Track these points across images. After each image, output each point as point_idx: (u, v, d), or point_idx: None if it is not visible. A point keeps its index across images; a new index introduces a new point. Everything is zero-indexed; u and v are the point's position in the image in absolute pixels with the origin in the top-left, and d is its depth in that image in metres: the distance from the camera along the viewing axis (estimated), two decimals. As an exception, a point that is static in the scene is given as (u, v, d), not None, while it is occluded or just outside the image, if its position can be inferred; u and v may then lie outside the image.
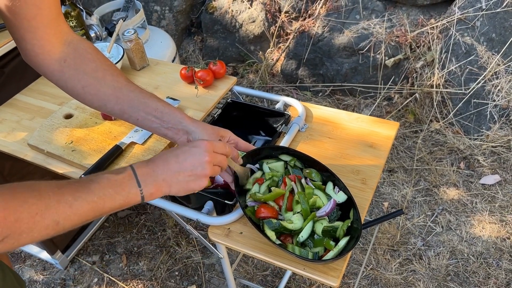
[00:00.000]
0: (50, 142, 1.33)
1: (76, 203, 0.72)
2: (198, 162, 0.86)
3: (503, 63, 2.42)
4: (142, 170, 0.82)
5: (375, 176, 1.21)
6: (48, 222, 0.69)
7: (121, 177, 0.79)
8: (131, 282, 2.03)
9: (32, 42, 0.91)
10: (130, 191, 0.80)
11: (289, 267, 1.03)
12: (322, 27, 2.79)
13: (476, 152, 2.39)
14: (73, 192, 0.73)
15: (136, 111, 0.98)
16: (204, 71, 1.49)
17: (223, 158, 0.93)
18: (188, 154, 0.87)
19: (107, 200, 0.76)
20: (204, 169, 0.87)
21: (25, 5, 0.84)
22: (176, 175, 0.85)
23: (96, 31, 1.89)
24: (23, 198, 0.67)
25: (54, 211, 0.69)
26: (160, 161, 0.85)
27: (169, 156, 0.86)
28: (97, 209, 0.75)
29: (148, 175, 0.82)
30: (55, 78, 0.98)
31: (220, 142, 0.94)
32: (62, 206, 0.70)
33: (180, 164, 0.85)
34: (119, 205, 0.79)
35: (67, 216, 0.71)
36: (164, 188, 0.84)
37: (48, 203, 0.69)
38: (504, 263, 1.93)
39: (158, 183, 0.83)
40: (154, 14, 3.24)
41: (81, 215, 0.73)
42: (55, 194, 0.70)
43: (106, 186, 0.77)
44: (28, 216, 0.66)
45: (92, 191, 0.75)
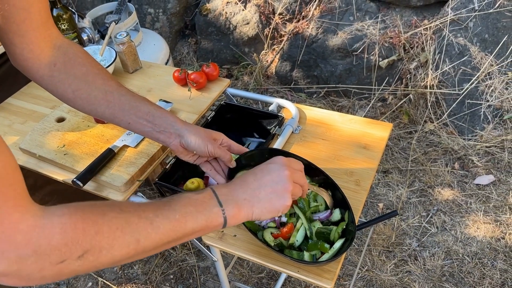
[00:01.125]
0: (42, 146, 1.32)
1: (157, 220, 0.68)
2: (277, 177, 0.82)
3: (496, 63, 2.43)
4: (221, 190, 0.79)
5: (369, 177, 1.21)
6: (129, 238, 0.65)
7: (202, 196, 0.77)
8: (125, 286, 2.02)
9: (21, 46, 0.90)
10: (212, 210, 0.76)
11: (283, 269, 1.03)
12: (316, 29, 2.80)
13: (470, 152, 2.39)
14: (154, 209, 0.70)
15: (128, 115, 0.97)
16: (197, 74, 1.48)
17: (302, 175, 0.88)
18: (266, 170, 0.83)
19: (188, 218, 0.72)
20: (285, 183, 0.82)
21: (14, 9, 0.84)
22: (257, 193, 0.81)
23: (89, 34, 1.88)
24: (102, 211, 0.64)
25: (135, 227, 0.66)
26: (238, 181, 0.83)
27: (247, 176, 0.83)
28: (179, 228, 0.71)
29: (228, 195, 0.79)
30: (44, 82, 0.97)
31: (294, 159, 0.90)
32: (143, 222, 0.67)
33: (259, 181, 0.82)
34: (201, 226, 0.74)
35: (148, 233, 0.67)
36: (247, 208, 0.80)
37: (128, 218, 0.66)
38: (499, 263, 1.94)
39: (240, 203, 0.79)
40: (148, 17, 3.23)
41: (162, 234, 0.69)
42: (135, 210, 0.67)
43: (187, 204, 0.74)
44: (108, 229, 0.63)
45: (173, 209, 0.71)
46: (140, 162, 1.24)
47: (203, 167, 1.07)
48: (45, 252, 0.57)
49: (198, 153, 1.01)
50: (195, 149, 0.99)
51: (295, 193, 0.85)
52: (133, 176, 1.21)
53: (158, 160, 1.30)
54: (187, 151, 1.02)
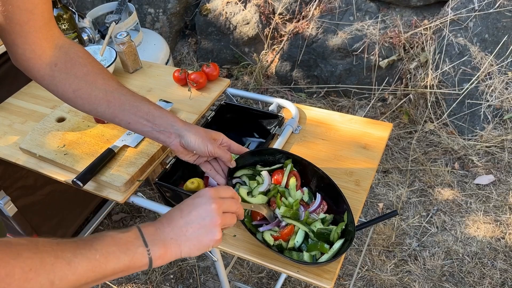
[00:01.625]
0: (42, 146, 1.32)
1: (76, 260, 0.65)
2: (204, 211, 0.78)
3: (496, 63, 2.43)
4: (148, 229, 0.76)
5: (368, 177, 1.21)
6: (42, 280, 0.61)
7: (127, 235, 0.73)
8: (125, 286, 2.02)
9: (23, 47, 0.91)
10: (137, 251, 0.72)
11: (283, 269, 1.03)
12: (316, 29, 2.80)
13: (470, 152, 2.39)
14: (73, 249, 0.66)
15: (128, 115, 0.97)
16: (197, 74, 1.48)
17: (232, 202, 0.84)
18: (192, 206, 0.80)
19: (110, 258, 0.69)
20: (213, 217, 0.78)
21: (18, 10, 0.84)
22: (184, 231, 0.77)
23: (89, 33, 1.88)
24: (16, 251, 0.61)
25: (50, 268, 0.62)
26: (164, 220, 0.78)
27: (172, 213, 0.80)
28: (99, 269, 0.68)
29: (154, 234, 0.75)
30: (45, 82, 0.97)
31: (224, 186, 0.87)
32: (60, 262, 0.63)
33: (185, 218, 0.78)
34: (123, 267, 0.71)
35: (64, 274, 0.64)
36: (174, 248, 0.76)
37: (44, 258, 0.62)
38: (499, 263, 1.94)
39: (167, 242, 0.75)
40: (148, 17, 3.23)
41: (80, 275, 0.65)
42: (53, 250, 0.64)
43: (110, 244, 0.70)
44: (20, 271, 0.59)
45: (94, 248, 0.68)
46: (140, 162, 1.24)
47: (203, 167, 1.07)
48: None
49: (198, 153, 1.01)
50: (195, 149, 0.99)
51: (226, 223, 0.82)
52: (133, 176, 1.21)
53: (158, 160, 1.30)
54: (187, 151, 1.02)
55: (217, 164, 1.07)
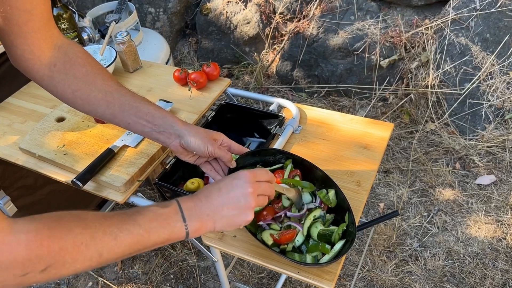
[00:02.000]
0: (41, 146, 1.32)
1: (122, 235, 0.70)
2: (241, 194, 0.83)
3: (497, 63, 2.42)
4: (186, 204, 0.80)
5: (369, 178, 1.20)
6: (92, 253, 0.67)
7: (167, 210, 0.77)
8: (126, 286, 2.02)
9: (22, 48, 0.90)
10: (176, 226, 0.77)
11: (284, 270, 1.02)
12: (317, 28, 2.79)
13: (472, 152, 2.39)
14: (120, 224, 0.71)
15: (127, 115, 0.97)
16: (197, 73, 1.48)
17: (268, 186, 0.89)
18: (230, 186, 0.83)
19: (152, 233, 0.74)
20: (248, 201, 0.83)
21: (16, 11, 0.83)
22: (219, 210, 0.82)
23: (89, 33, 1.88)
24: (68, 226, 0.65)
25: (99, 242, 0.67)
26: (203, 196, 0.83)
27: (211, 190, 0.84)
28: (142, 242, 0.73)
29: (192, 209, 0.80)
30: (44, 83, 0.96)
31: (261, 169, 0.91)
32: (107, 237, 0.69)
33: (222, 198, 0.82)
34: (163, 239, 0.76)
35: (111, 248, 0.69)
36: (209, 224, 0.81)
37: (93, 233, 0.67)
38: (500, 263, 1.93)
39: (203, 219, 0.80)
40: (149, 16, 3.23)
41: (125, 248, 0.71)
42: (101, 225, 0.69)
43: (152, 219, 0.75)
44: (73, 245, 0.64)
45: (138, 224, 0.72)
46: (140, 162, 1.24)
47: (203, 168, 1.06)
48: (9, 266, 0.59)
49: (198, 153, 1.00)
50: (195, 150, 0.98)
51: (259, 205, 0.87)
52: (133, 176, 1.21)
53: (158, 160, 1.29)
54: (187, 152, 1.01)
55: (217, 164, 1.06)
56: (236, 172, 0.87)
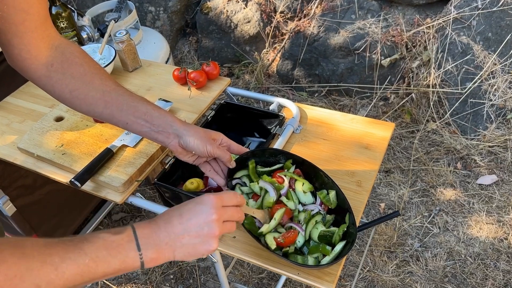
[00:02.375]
0: (40, 146, 1.31)
1: (64, 265, 0.63)
2: (204, 222, 0.76)
3: (499, 62, 2.40)
4: (143, 231, 0.73)
5: (370, 178, 1.19)
6: (28, 286, 0.60)
7: (119, 237, 0.71)
8: (125, 286, 2.01)
9: (19, 47, 0.89)
10: (128, 255, 0.70)
11: (283, 272, 1.01)
12: (318, 27, 2.78)
13: (473, 152, 2.37)
14: (62, 253, 0.64)
15: (125, 115, 0.96)
16: (197, 72, 1.47)
17: (235, 210, 0.82)
18: (193, 212, 0.77)
19: (100, 263, 0.67)
20: (212, 229, 0.77)
21: (13, 10, 0.82)
22: (180, 238, 0.75)
23: (88, 32, 1.87)
24: (2, 256, 0.59)
25: (36, 274, 0.61)
26: (162, 222, 0.76)
27: (172, 216, 0.77)
28: (88, 274, 0.66)
29: (149, 237, 0.73)
30: (42, 83, 0.95)
31: (229, 192, 0.84)
32: (47, 268, 0.62)
33: (184, 225, 0.76)
34: (114, 270, 0.69)
35: (51, 280, 0.62)
36: (167, 253, 0.75)
37: (30, 264, 0.61)
38: (502, 264, 1.92)
39: (161, 247, 0.74)
40: (149, 15, 3.22)
41: (67, 279, 0.64)
42: (40, 254, 0.62)
43: (101, 247, 0.68)
44: (4, 278, 0.58)
45: (84, 252, 0.66)
46: (139, 162, 1.23)
47: (202, 168, 1.05)
48: None
49: (197, 153, 0.99)
50: (194, 150, 0.97)
51: (225, 232, 0.81)
52: (132, 176, 1.20)
53: (157, 160, 1.28)
54: (186, 152, 1.00)
55: (216, 164, 1.05)
56: (200, 196, 0.80)
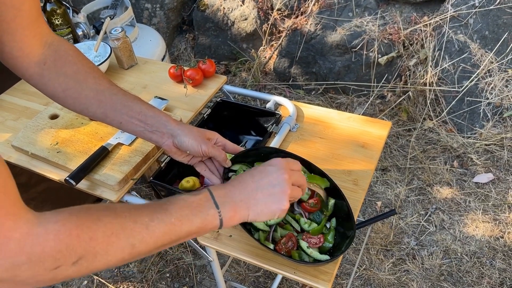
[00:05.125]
0: (34, 144, 1.30)
1: (153, 224, 0.68)
2: (276, 180, 0.80)
3: (496, 60, 2.40)
4: (218, 191, 0.78)
5: (367, 176, 1.19)
6: (123, 243, 0.64)
7: (198, 198, 0.75)
8: (121, 284, 2.00)
9: (11, 45, 0.88)
10: (208, 213, 0.75)
11: (279, 270, 1.01)
12: (315, 25, 2.77)
13: (470, 150, 2.38)
14: (150, 213, 0.69)
15: (119, 115, 0.95)
16: (193, 70, 1.46)
17: (301, 175, 0.86)
18: (264, 173, 0.81)
19: (184, 221, 0.71)
20: (283, 187, 0.80)
21: (4, 6, 0.81)
22: (253, 195, 0.79)
23: (84, 29, 1.85)
24: (97, 216, 0.63)
25: (130, 232, 0.65)
26: (236, 182, 0.81)
27: (245, 177, 0.82)
28: (174, 232, 0.70)
29: (225, 196, 0.77)
30: (34, 81, 0.94)
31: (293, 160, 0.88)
32: (138, 226, 0.66)
33: (257, 183, 0.80)
34: (197, 228, 0.74)
35: (143, 238, 0.66)
36: (243, 210, 0.79)
37: (123, 222, 0.65)
38: (498, 262, 1.92)
39: (236, 205, 0.78)
40: (145, 12, 3.20)
41: (157, 238, 0.68)
42: (131, 215, 0.67)
43: (183, 207, 0.72)
44: (103, 235, 0.62)
45: (169, 212, 0.70)
46: (134, 161, 1.22)
47: (197, 168, 1.04)
48: (39, 259, 0.57)
49: (191, 153, 0.99)
50: (189, 149, 0.97)
51: (294, 196, 0.84)
52: (127, 174, 1.19)
53: (153, 158, 1.27)
54: (180, 151, 0.99)
55: (212, 164, 1.04)
56: (270, 160, 0.85)
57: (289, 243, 0.97)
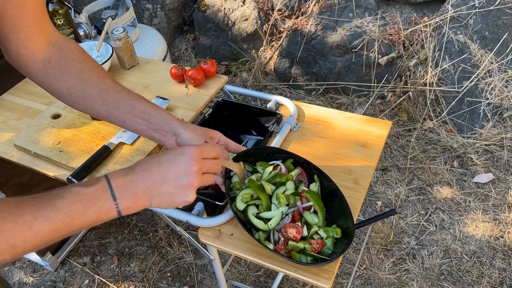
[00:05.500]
0: (37, 143, 1.30)
1: (37, 223, 0.63)
2: (183, 172, 0.77)
3: (496, 61, 2.41)
4: (118, 180, 0.73)
5: (367, 176, 1.19)
6: (2, 246, 0.60)
7: (93, 189, 0.70)
8: (122, 283, 2.01)
9: (16, 43, 0.89)
10: (104, 206, 0.70)
11: (281, 269, 1.01)
12: (315, 25, 2.78)
13: (470, 150, 2.38)
14: (34, 211, 0.64)
15: (123, 113, 0.96)
16: (194, 70, 1.47)
17: (214, 163, 0.84)
18: (173, 162, 0.77)
19: (75, 217, 0.67)
20: (191, 179, 0.77)
21: (9, 4, 0.82)
22: (158, 186, 0.75)
23: (85, 29, 1.86)
24: None
25: (10, 234, 0.61)
26: (140, 170, 0.76)
27: (151, 164, 0.77)
28: (63, 228, 0.66)
29: (125, 186, 0.73)
30: (39, 79, 0.95)
31: (209, 145, 0.85)
32: (20, 227, 0.62)
33: (163, 174, 0.76)
34: (90, 222, 0.70)
35: (26, 238, 0.62)
36: (144, 201, 0.75)
37: (2, 224, 0.61)
38: (498, 262, 1.93)
39: (138, 196, 0.74)
40: (146, 12, 3.21)
41: (43, 236, 0.64)
42: (11, 214, 0.62)
43: (74, 201, 0.67)
44: None
45: (57, 208, 0.65)
46: (136, 160, 1.23)
47: (199, 166, 1.05)
48: None
49: (194, 151, 0.99)
50: (191, 148, 0.97)
51: (204, 183, 0.82)
52: (129, 174, 1.20)
53: (155, 157, 1.28)
54: (182, 150, 1.00)
55: (213, 163, 1.05)
56: (181, 147, 0.81)
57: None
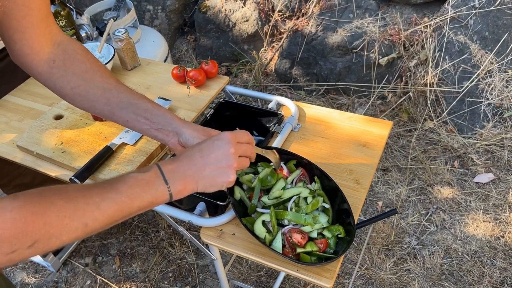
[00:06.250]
0: (39, 144, 1.31)
1: (104, 204, 0.71)
2: (222, 155, 0.85)
3: (496, 61, 2.42)
4: (167, 167, 0.82)
5: (368, 175, 1.20)
6: (76, 224, 0.68)
7: (148, 175, 0.79)
8: (124, 284, 2.01)
9: (21, 43, 0.90)
10: (158, 189, 0.79)
11: (282, 268, 1.02)
12: (316, 26, 2.78)
13: (470, 150, 2.39)
14: (101, 193, 0.72)
15: (126, 113, 0.97)
16: (196, 71, 1.47)
17: (248, 147, 0.91)
18: (212, 147, 0.86)
19: (135, 199, 0.75)
20: (229, 161, 0.85)
21: (14, 5, 0.83)
22: (201, 170, 0.84)
23: (87, 30, 1.87)
24: (50, 200, 0.66)
25: (82, 213, 0.69)
26: (184, 158, 0.85)
27: (193, 152, 0.86)
28: (125, 209, 0.75)
29: (174, 171, 0.81)
30: (43, 79, 0.96)
31: (241, 131, 0.92)
32: (90, 207, 0.70)
33: (204, 158, 0.84)
34: (148, 203, 0.78)
35: (95, 217, 0.70)
36: (191, 184, 0.83)
37: (76, 204, 0.68)
38: (499, 261, 1.93)
39: (185, 179, 0.82)
40: (147, 14, 3.22)
41: (109, 216, 0.72)
42: (82, 196, 0.70)
43: (133, 185, 0.76)
44: (56, 219, 0.66)
45: (119, 191, 0.74)
46: (138, 160, 1.23)
47: (201, 166, 1.06)
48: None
49: (196, 151, 1.00)
50: (193, 147, 0.98)
51: (241, 167, 0.90)
52: (131, 174, 1.20)
53: (157, 158, 1.29)
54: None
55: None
56: (218, 134, 0.89)
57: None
